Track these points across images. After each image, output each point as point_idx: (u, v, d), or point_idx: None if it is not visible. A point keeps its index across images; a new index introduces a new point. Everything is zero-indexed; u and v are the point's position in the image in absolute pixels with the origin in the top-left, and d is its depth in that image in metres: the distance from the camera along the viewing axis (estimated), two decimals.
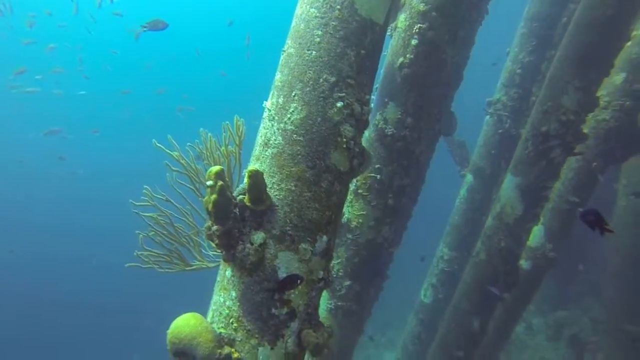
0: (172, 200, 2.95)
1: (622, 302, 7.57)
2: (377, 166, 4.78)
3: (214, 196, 2.10)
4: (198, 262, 2.89)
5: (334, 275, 5.06)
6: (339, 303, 5.24)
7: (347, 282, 5.10)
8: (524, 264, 6.71)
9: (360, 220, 4.90)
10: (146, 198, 2.92)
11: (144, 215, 2.88)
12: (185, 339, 2.05)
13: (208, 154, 2.70)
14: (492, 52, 8.52)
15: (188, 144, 2.92)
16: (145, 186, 2.92)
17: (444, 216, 9.34)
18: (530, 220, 5.90)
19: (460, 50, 4.89)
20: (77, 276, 22.37)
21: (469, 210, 8.37)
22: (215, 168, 2.12)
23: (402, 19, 4.11)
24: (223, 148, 2.70)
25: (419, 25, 3.93)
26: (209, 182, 2.11)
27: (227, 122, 2.70)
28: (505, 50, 7.83)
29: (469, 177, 8.48)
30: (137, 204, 2.92)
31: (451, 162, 9.34)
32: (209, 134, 2.74)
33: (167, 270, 2.84)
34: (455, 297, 6.67)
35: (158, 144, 2.87)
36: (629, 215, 7.04)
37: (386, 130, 4.55)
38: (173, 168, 2.89)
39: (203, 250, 2.94)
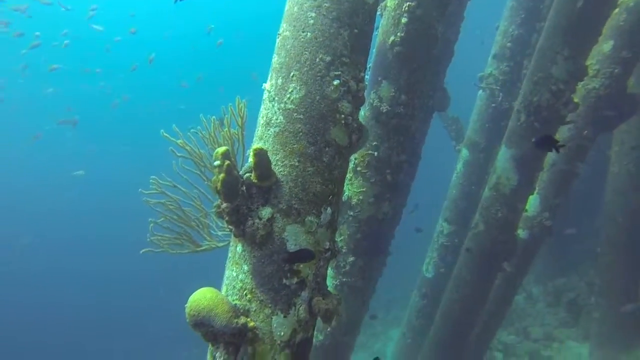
0: (179, 186, 3.06)
1: (617, 265, 7.79)
2: (374, 143, 4.89)
3: (222, 175, 2.22)
4: (208, 243, 3.01)
5: None
6: (344, 279, 5.41)
7: (351, 258, 5.26)
8: (521, 233, 6.89)
9: (361, 197, 5.03)
10: (154, 187, 3.03)
11: (153, 203, 2.99)
12: (204, 311, 2.19)
13: (211, 138, 2.81)
14: (482, 26, 8.56)
15: (191, 129, 3.02)
16: (152, 176, 3.03)
17: (442, 191, 9.50)
18: (526, 190, 6.05)
19: (450, 27, 4.98)
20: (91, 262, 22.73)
21: (466, 183, 8.52)
22: (221, 149, 2.23)
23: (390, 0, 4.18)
24: (226, 130, 2.80)
25: (408, 3, 4.01)
26: (217, 162, 2.23)
27: (230, 104, 2.80)
28: (495, 25, 7.88)
29: (465, 152, 8.61)
30: (147, 192, 3.03)
31: (447, 138, 9.46)
32: (212, 117, 2.84)
33: (179, 252, 2.97)
34: (457, 269, 6.86)
35: (165, 134, 2.97)
36: (621, 181, 7.20)
37: (381, 108, 4.65)
38: (178, 154, 3.00)
39: (212, 232, 3.07)
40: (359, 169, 5.04)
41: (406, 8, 4.03)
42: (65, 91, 26.18)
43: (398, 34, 4.17)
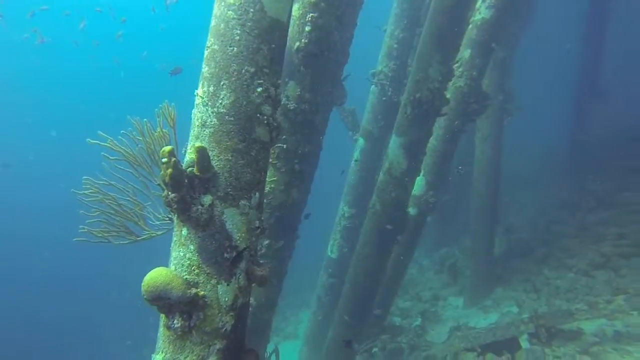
0: (114, 184, 3.32)
1: (481, 232, 9.42)
2: (283, 137, 5.45)
3: (169, 170, 2.61)
4: (147, 232, 3.33)
5: None
6: (261, 261, 5.91)
7: (266, 242, 5.78)
8: (411, 210, 7.99)
9: (273, 185, 5.57)
10: (88, 186, 3.26)
11: (87, 201, 3.23)
12: (161, 286, 2.58)
13: (149, 139, 3.13)
14: (371, 31, 9.54)
15: (122, 131, 3.30)
16: (85, 177, 3.25)
17: (341, 178, 10.36)
18: (414, 173, 7.09)
19: (346, 32, 5.69)
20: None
21: (363, 169, 9.49)
22: (167, 148, 2.61)
23: (295, 8, 4.75)
24: (159, 130, 3.15)
25: (310, 14, 4.62)
26: (164, 159, 2.61)
27: (160, 106, 3.15)
28: (382, 28, 8.87)
29: (361, 141, 9.56)
30: (80, 192, 3.25)
31: (344, 129, 10.34)
32: (145, 120, 3.16)
33: (120, 243, 3.24)
34: (359, 245, 7.74)
35: (92, 140, 3.22)
36: (482, 162, 8.71)
37: (289, 106, 5.22)
38: (111, 157, 3.26)
39: (149, 222, 3.38)
40: (270, 160, 5.55)
41: (309, 18, 4.64)
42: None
43: (303, 40, 4.77)
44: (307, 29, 4.69)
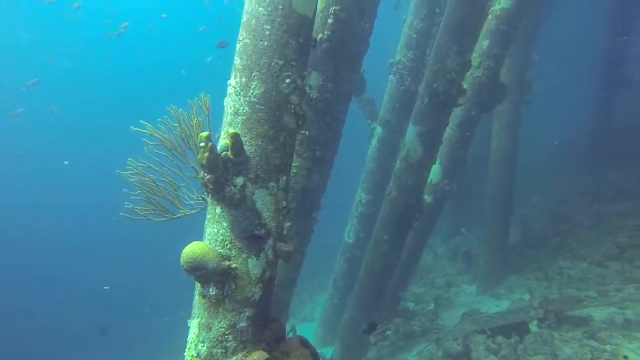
0: (152, 166, 3.62)
1: (495, 221, 9.56)
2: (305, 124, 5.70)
3: (206, 154, 2.89)
4: (182, 211, 3.64)
5: None
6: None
7: (288, 224, 6.07)
8: (427, 197, 8.20)
9: (295, 170, 5.83)
10: (131, 167, 3.58)
11: (132, 180, 3.55)
12: (199, 257, 2.88)
13: (185, 125, 3.42)
14: (392, 20, 9.67)
15: (159, 120, 3.60)
16: (129, 158, 3.57)
17: (359, 165, 10.58)
18: (430, 161, 7.28)
19: (366, 23, 5.87)
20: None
21: (380, 157, 9.68)
22: (204, 133, 2.89)
23: (319, 2, 4.95)
24: (195, 118, 3.43)
25: (333, 7, 4.82)
26: (202, 144, 2.89)
27: (196, 98, 3.43)
28: (402, 18, 8.98)
29: (379, 129, 9.75)
30: (124, 172, 3.57)
31: (362, 117, 10.52)
32: (181, 109, 3.45)
33: (158, 220, 3.56)
34: (375, 230, 8.00)
35: (134, 128, 3.53)
36: (499, 154, 8.82)
37: (311, 95, 5.46)
38: (150, 143, 3.57)
39: (184, 202, 3.69)
40: None
41: (332, 11, 4.85)
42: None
43: (325, 32, 4.98)
44: (330, 21, 4.90)
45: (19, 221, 26.28)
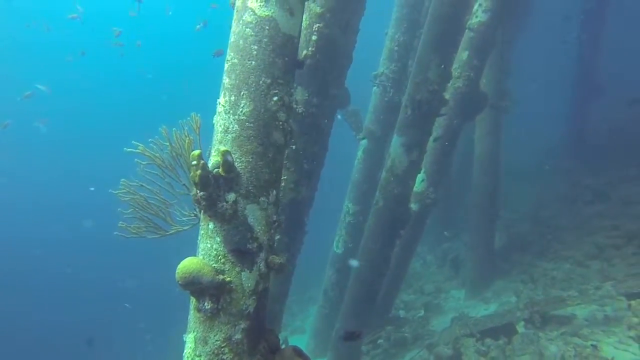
0: (145, 185, 3.70)
1: (479, 225, 9.78)
2: (292, 139, 5.82)
3: (198, 171, 2.98)
4: (174, 228, 3.71)
5: None
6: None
7: (277, 237, 6.15)
8: (413, 206, 8.36)
9: (283, 184, 5.93)
10: (124, 187, 3.65)
11: (125, 199, 3.62)
12: (194, 272, 2.95)
13: (177, 144, 3.51)
14: (373, 33, 9.91)
15: (150, 140, 3.69)
16: (122, 179, 3.64)
17: (346, 176, 10.73)
18: (415, 170, 7.46)
19: (349, 38, 6.05)
20: None
21: (366, 168, 9.85)
22: (196, 152, 2.99)
23: (303, 19, 5.10)
24: (186, 138, 3.52)
25: (317, 25, 4.98)
26: (194, 162, 2.98)
27: (187, 119, 3.53)
28: (384, 32, 9.23)
29: (364, 140, 9.92)
30: (116, 192, 3.64)
31: (348, 129, 10.69)
32: (173, 129, 3.54)
33: (152, 237, 3.62)
34: (363, 240, 8.12)
35: (127, 149, 3.61)
36: (482, 161, 9.07)
37: (297, 109, 5.59)
38: (142, 162, 3.65)
39: (176, 219, 3.76)
40: None
41: (316, 28, 5.01)
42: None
43: (310, 48, 5.14)
44: (314, 38, 5.06)
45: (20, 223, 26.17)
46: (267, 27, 3.31)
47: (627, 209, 9.27)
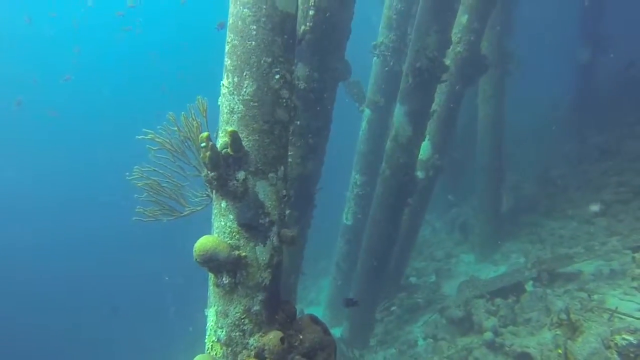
0: (157, 170, 3.82)
1: (487, 188, 9.85)
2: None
3: (208, 153, 3.08)
4: (188, 209, 3.85)
5: None
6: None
7: (288, 211, 6.29)
8: (419, 174, 8.44)
9: (290, 160, 6.01)
10: (136, 173, 3.78)
11: (139, 184, 3.75)
12: (210, 249, 3.10)
13: (185, 128, 3.61)
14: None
15: (158, 127, 3.79)
16: (135, 166, 3.76)
17: (351, 148, 10.79)
18: (419, 138, 7.50)
19: (347, 10, 6.02)
20: None
21: (371, 138, 9.89)
22: (204, 134, 3.08)
23: None
24: (194, 121, 3.61)
25: None
26: (203, 144, 3.08)
27: (193, 103, 3.62)
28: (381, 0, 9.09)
29: (367, 111, 9.93)
30: (131, 177, 3.77)
31: (351, 101, 10.68)
32: (182, 113, 3.63)
33: (168, 219, 3.77)
34: (372, 210, 8.26)
35: (140, 136, 3.72)
36: (485, 122, 9.07)
37: (299, 85, 5.63)
38: (153, 148, 3.76)
39: (189, 200, 3.90)
40: None
41: (313, 2, 5.01)
42: None
43: (308, 24, 5.14)
44: (311, 12, 5.06)
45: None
46: (264, 6, 3.34)
47: (634, 164, 9.26)
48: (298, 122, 5.92)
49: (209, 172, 3.19)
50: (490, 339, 5.94)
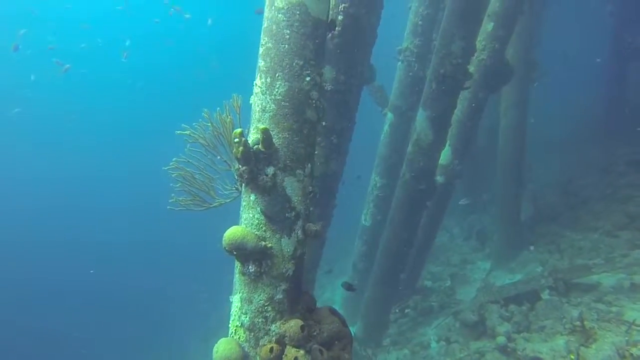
0: (191, 161, 4.05)
1: (506, 196, 9.86)
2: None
3: (241, 148, 3.29)
4: (218, 200, 4.07)
5: None
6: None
7: (310, 208, 6.48)
8: (439, 178, 8.54)
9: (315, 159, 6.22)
10: (173, 164, 4.02)
11: (174, 175, 3.99)
12: (239, 239, 3.31)
13: (223, 124, 3.83)
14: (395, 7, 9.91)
15: (194, 124, 4.02)
16: (174, 158, 4.00)
17: (373, 150, 10.92)
18: (440, 143, 7.60)
19: (374, 16, 6.19)
20: None
21: (392, 142, 10.01)
22: (238, 130, 3.29)
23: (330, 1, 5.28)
24: (229, 117, 3.83)
25: (342, 4, 5.16)
26: (236, 140, 3.29)
27: (227, 100, 3.83)
28: (407, 6, 9.22)
29: (390, 115, 10.06)
30: (167, 167, 4.01)
31: (374, 105, 10.82)
32: (217, 108, 3.86)
33: (198, 209, 4.00)
34: (391, 213, 8.38)
35: (179, 132, 3.96)
36: (508, 132, 9.09)
37: (326, 87, 5.82)
38: (189, 141, 4.00)
39: (219, 192, 4.12)
40: None
41: (342, 8, 5.19)
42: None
43: (337, 28, 5.31)
44: (340, 17, 5.24)
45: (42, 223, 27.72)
46: (297, 12, 3.54)
47: None
48: (323, 123, 6.11)
49: (240, 166, 3.40)
50: (502, 343, 6.01)
